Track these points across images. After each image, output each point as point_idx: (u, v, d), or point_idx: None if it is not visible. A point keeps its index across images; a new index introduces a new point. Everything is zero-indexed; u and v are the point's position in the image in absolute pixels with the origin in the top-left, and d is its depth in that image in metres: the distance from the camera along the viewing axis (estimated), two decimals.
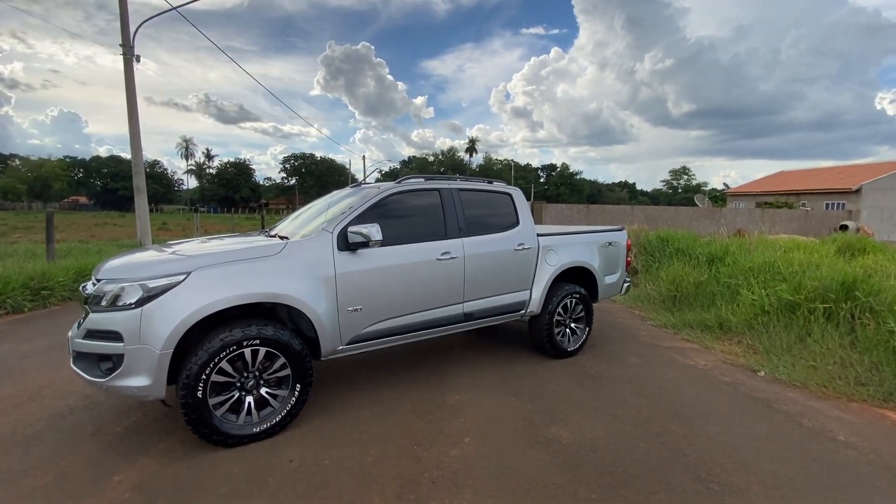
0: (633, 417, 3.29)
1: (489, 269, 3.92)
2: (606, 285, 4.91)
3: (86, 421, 3.12)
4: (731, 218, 21.92)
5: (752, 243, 7.83)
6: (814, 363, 4.26)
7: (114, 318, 2.52)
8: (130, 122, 10.50)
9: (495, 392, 3.70)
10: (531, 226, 4.28)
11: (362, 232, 3.08)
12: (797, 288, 5.15)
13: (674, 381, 4.03)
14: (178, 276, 2.61)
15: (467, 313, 3.81)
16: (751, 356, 4.68)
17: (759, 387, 3.95)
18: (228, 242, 3.34)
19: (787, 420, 3.31)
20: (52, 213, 9.52)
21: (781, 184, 35.71)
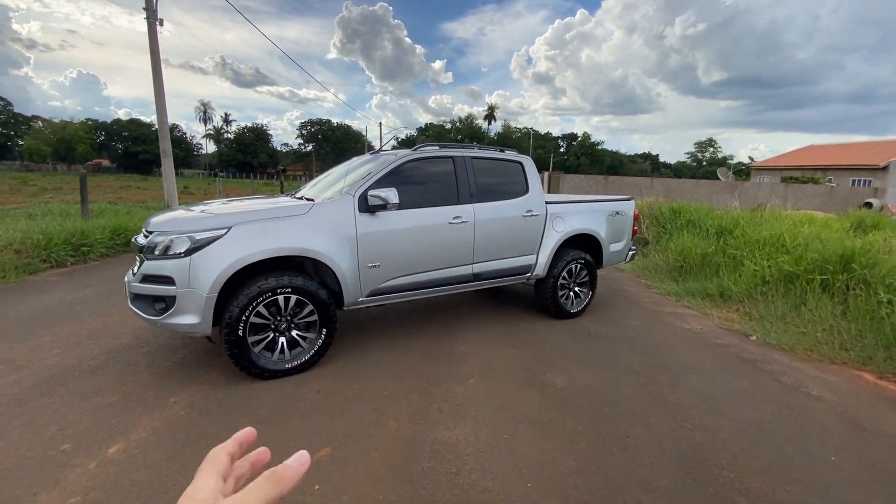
0: (624, 369, 3.62)
1: (498, 234, 4.20)
2: (611, 252, 5.15)
3: (139, 356, 3.58)
4: (752, 192, 21.55)
5: (762, 217, 7.90)
6: (804, 330, 4.50)
7: (166, 265, 2.90)
8: (156, 87, 10.80)
9: (499, 344, 4.05)
10: (540, 194, 4.51)
11: (381, 195, 3.38)
12: (798, 260, 5.33)
13: (668, 342, 4.33)
14: (221, 230, 2.97)
15: (476, 274, 4.12)
16: (746, 322, 4.93)
17: (748, 349, 4.22)
18: (258, 203, 3.68)
19: (767, 377, 3.60)
20: (86, 175, 10.05)
21: (809, 158, 34.58)
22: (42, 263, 6.98)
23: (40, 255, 7.03)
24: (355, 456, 2.38)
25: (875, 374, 3.74)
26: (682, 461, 2.45)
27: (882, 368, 3.78)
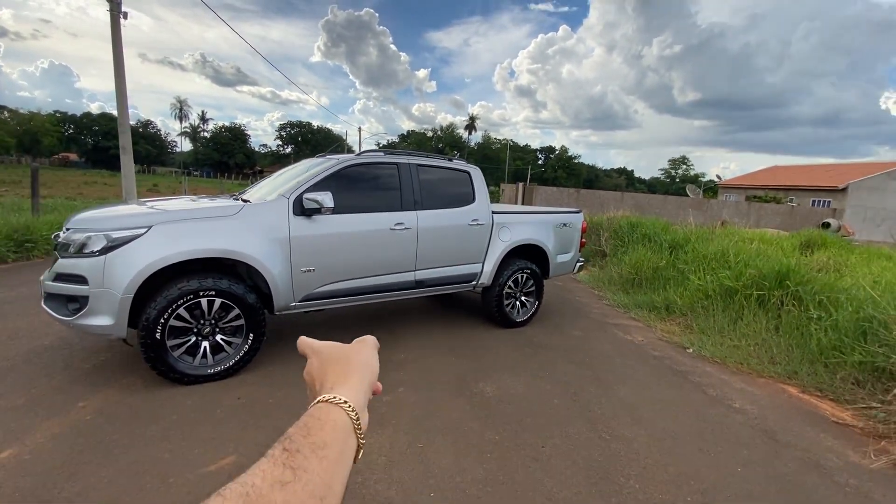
0: (556, 379, 3.66)
1: (442, 242, 4.21)
2: (558, 263, 5.23)
3: (58, 358, 3.43)
4: (717, 210, 22.27)
5: (714, 233, 8.17)
6: (738, 343, 4.64)
7: (80, 263, 2.80)
8: (117, 81, 10.50)
9: (440, 352, 4.04)
10: (486, 203, 4.55)
11: (316, 199, 3.35)
12: (738, 275, 5.51)
13: (606, 353, 4.40)
14: (140, 229, 2.88)
15: (419, 281, 4.11)
16: (686, 335, 5.06)
17: (682, 361, 4.33)
18: (195, 202, 3.59)
19: (694, 389, 3.69)
20: (37, 169, 9.63)
21: (773, 178, 36.04)
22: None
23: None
24: None
25: (798, 388, 3.87)
26: (591, 471, 2.48)
27: (805, 382, 3.92)
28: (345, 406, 0.45)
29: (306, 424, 0.42)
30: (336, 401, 0.45)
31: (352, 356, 0.54)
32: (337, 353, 0.55)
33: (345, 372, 0.51)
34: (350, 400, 0.46)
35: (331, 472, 0.39)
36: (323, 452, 0.39)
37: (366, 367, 0.54)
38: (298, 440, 0.40)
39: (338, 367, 0.52)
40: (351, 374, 0.51)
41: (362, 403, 0.49)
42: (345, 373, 0.51)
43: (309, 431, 0.41)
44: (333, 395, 0.46)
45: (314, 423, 0.42)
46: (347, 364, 0.53)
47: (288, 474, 0.36)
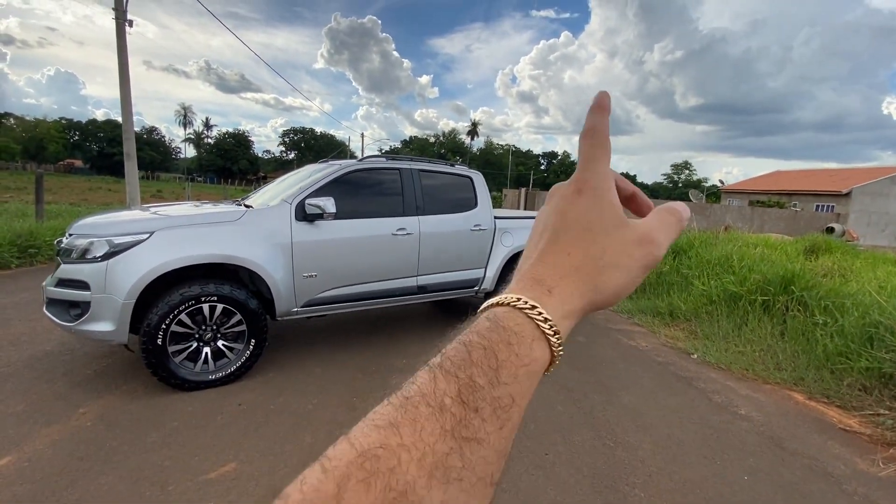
0: (560, 385, 3.62)
1: (444, 247, 4.20)
2: None
3: (59, 364, 3.42)
4: (720, 214, 22.24)
5: (717, 238, 8.14)
6: (742, 349, 4.60)
7: (82, 269, 2.80)
8: (122, 88, 10.58)
9: None
10: (489, 208, 4.55)
11: (318, 204, 3.35)
12: (742, 280, 5.48)
13: (610, 359, 4.36)
14: (142, 234, 2.88)
15: (421, 286, 4.10)
16: (690, 341, 5.02)
17: (687, 367, 4.29)
18: (198, 208, 3.60)
19: (699, 395, 3.65)
20: (42, 175, 9.70)
21: (776, 183, 35.97)
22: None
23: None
24: (260, 472, 2.30)
25: (804, 395, 3.83)
26: (596, 480, 2.44)
27: (812, 389, 3.87)
28: (551, 336, 0.30)
29: (495, 356, 0.28)
30: (538, 318, 0.30)
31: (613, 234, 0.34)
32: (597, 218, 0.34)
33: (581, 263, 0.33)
34: (556, 320, 0.31)
35: (509, 440, 0.27)
36: (508, 414, 0.27)
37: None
38: (483, 389, 0.27)
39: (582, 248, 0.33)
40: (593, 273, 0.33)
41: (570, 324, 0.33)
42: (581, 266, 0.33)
43: (498, 373, 0.27)
44: (535, 307, 0.30)
45: (507, 356, 0.28)
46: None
47: (457, 460, 0.24)
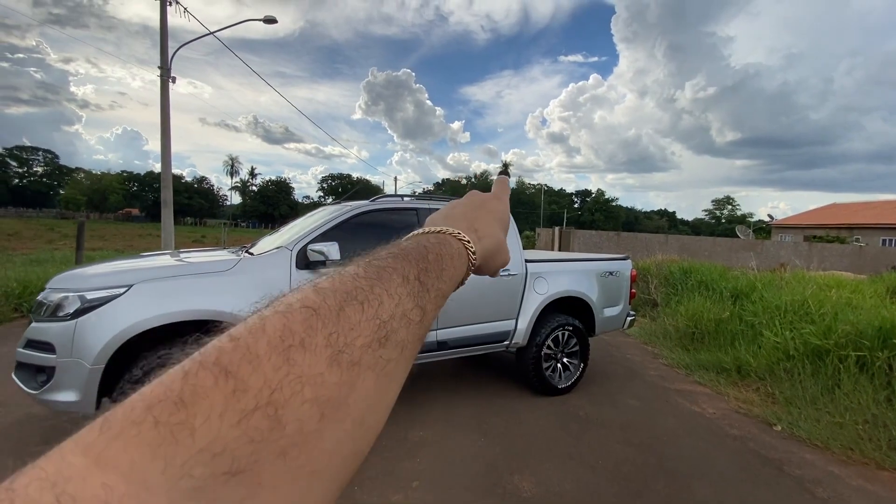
0: (613, 470, 2.92)
1: (468, 295, 3.68)
2: (605, 318, 4.53)
3: (44, 429, 3.05)
4: (773, 251, 20.62)
5: (783, 279, 7.19)
6: (840, 420, 3.71)
7: (49, 328, 2.45)
8: (162, 139, 11.01)
9: (465, 429, 3.40)
10: (519, 250, 4.02)
11: (321, 250, 2.94)
12: (826, 332, 4.60)
13: (672, 430, 3.60)
14: (119, 288, 2.53)
15: (441, 342, 3.56)
16: (768, 406, 4.16)
17: (771, 444, 3.46)
18: (195, 256, 3.27)
19: (797, 488, 2.84)
20: (83, 223, 9.98)
21: (833, 217, 33.59)
22: (13, 312, 6.72)
23: (13, 303, 6.79)
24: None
25: None
26: None
27: None
28: (472, 259, 0.42)
29: (443, 261, 0.37)
30: (470, 249, 0.42)
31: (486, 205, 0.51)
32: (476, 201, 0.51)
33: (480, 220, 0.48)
34: (477, 254, 0.43)
35: (435, 316, 0.35)
36: (441, 302, 0.36)
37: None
38: (433, 278, 0.35)
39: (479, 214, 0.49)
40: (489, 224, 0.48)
41: None
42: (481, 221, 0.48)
43: (442, 273, 0.36)
44: (470, 243, 0.42)
45: (449, 264, 0.38)
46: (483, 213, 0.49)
47: (416, 314, 0.31)
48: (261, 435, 0.20)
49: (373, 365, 0.27)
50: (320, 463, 0.23)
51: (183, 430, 0.19)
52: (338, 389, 0.24)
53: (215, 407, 0.20)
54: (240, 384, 0.21)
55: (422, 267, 0.34)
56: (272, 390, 0.21)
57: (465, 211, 0.48)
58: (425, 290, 0.33)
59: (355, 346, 0.26)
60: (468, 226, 0.45)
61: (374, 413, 0.27)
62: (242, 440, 0.20)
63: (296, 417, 0.22)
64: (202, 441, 0.19)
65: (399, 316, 0.29)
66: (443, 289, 0.36)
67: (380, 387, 0.27)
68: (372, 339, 0.27)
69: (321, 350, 0.24)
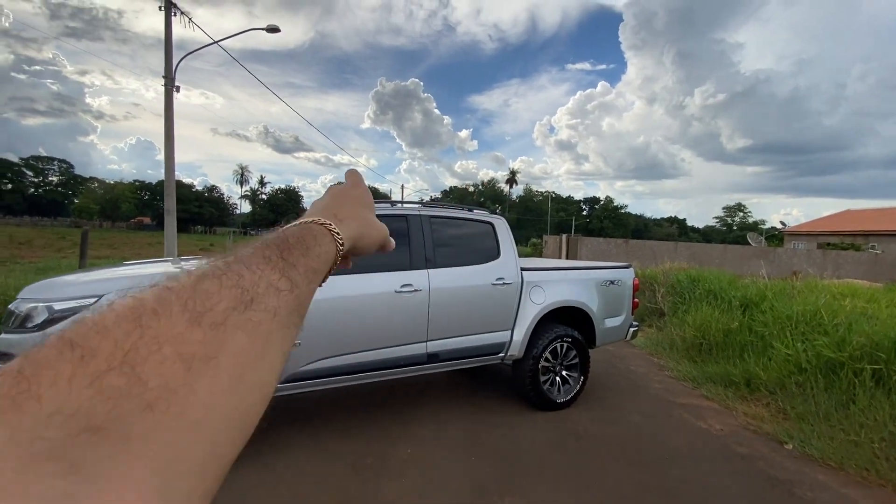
0: (611, 492, 2.74)
1: (460, 305, 3.54)
2: (606, 329, 4.36)
3: None
4: (787, 259, 20.21)
5: (794, 288, 6.94)
6: (855, 437, 3.50)
7: (11, 340, 2.36)
8: (166, 147, 11.08)
9: (456, 447, 3.24)
10: (514, 258, 3.87)
11: None
12: (840, 343, 4.38)
13: (677, 449, 3.41)
14: (88, 299, 2.43)
15: (431, 354, 3.42)
16: (779, 423, 3.94)
17: (782, 464, 3.26)
18: (178, 265, 3.18)
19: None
20: (87, 231, 10.05)
21: (847, 223, 32.93)
22: None
23: None
24: None
25: None
26: None
27: None
28: (338, 238, 0.44)
29: (306, 241, 0.39)
30: (333, 230, 0.44)
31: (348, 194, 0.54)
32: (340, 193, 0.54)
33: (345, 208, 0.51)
34: (343, 234, 0.45)
35: (310, 298, 0.37)
36: (313, 277, 0.38)
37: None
38: (297, 256, 0.37)
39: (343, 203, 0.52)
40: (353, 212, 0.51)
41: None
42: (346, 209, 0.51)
43: (307, 251, 0.38)
44: (331, 224, 0.45)
45: (313, 243, 0.40)
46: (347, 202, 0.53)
47: (285, 283, 0.33)
48: (118, 392, 0.21)
49: (241, 325, 0.27)
50: (197, 413, 0.23)
51: (27, 399, 0.19)
52: (202, 347, 0.25)
53: (62, 373, 0.20)
54: (87, 350, 0.21)
55: (283, 247, 0.36)
56: (125, 351, 0.22)
57: (324, 203, 0.51)
58: (290, 265, 0.34)
59: (217, 310, 0.26)
60: (327, 213, 0.47)
61: (255, 371, 0.28)
62: (98, 399, 0.20)
63: (158, 373, 0.22)
64: (51, 405, 0.19)
65: (264, 285, 0.31)
66: (312, 265, 0.37)
67: (254, 346, 0.28)
68: (236, 303, 0.28)
69: (177, 314, 0.25)
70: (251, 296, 0.29)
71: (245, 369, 0.27)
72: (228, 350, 0.26)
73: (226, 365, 0.25)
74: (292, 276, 0.34)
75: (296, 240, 0.38)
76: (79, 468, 0.19)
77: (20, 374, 0.20)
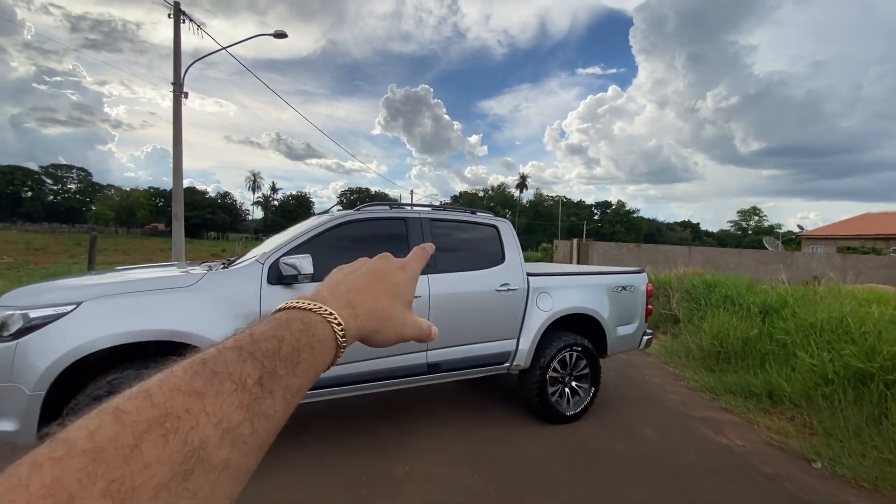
0: None
1: (462, 313, 3.36)
2: (618, 338, 4.14)
3: None
4: (805, 263, 19.64)
5: (817, 293, 6.62)
6: (890, 456, 3.23)
7: None
8: (175, 153, 11.11)
9: (458, 463, 3.05)
10: (519, 263, 3.69)
11: (294, 264, 2.67)
12: (870, 353, 4.10)
13: (695, 467, 3.17)
14: (65, 306, 2.31)
15: (432, 364, 3.24)
16: (806, 439, 3.68)
17: (811, 485, 3.01)
18: (164, 271, 3.06)
19: None
20: (96, 237, 10.09)
21: (867, 227, 32.03)
22: None
23: None
24: None
25: None
26: None
27: None
28: (340, 342, 0.40)
29: (299, 354, 0.36)
30: (339, 330, 0.40)
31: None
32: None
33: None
34: (350, 331, 0.42)
35: (284, 419, 0.35)
36: (293, 400, 0.35)
37: None
38: (281, 376, 0.34)
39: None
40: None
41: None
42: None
43: (296, 367, 0.35)
44: (340, 323, 0.40)
45: (307, 356, 0.36)
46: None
47: (247, 428, 0.30)
48: None
49: (173, 502, 0.25)
50: None
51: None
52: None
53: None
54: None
55: (267, 368, 0.33)
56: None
57: (355, 281, 0.47)
58: (267, 392, 0.32)
59: (147, 488, 0.24)
60: (347, 301, 0.43)
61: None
62: None
63: None
64: None
65: (219, 435, 0.28)
66: (294, 385, 0.35)
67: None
68: (172, 475, 0.25)
69: (98, 499, 0.22)
70: (196, 459, 0.26)
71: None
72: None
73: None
74: (263, 408, 0.31)
75: (289, 351, 0.35)
76: None
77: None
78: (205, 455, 0.27)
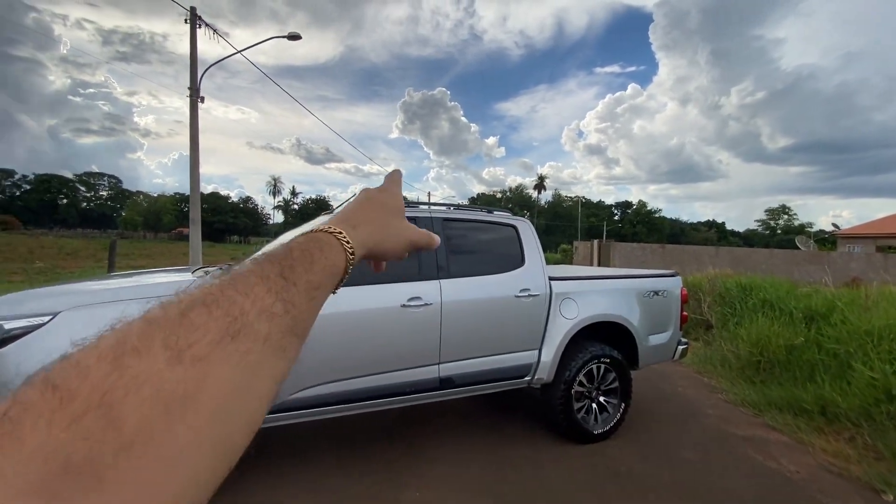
0: None
1: (478, 321, 3.06)
2: (651, 347, 3.76)
3: None
4: (843, 263, 18.58)
5: (869, 297, 6.07)
6: None
7: None
8: (191, 157, 11.14)
9: (473, 490, 2.74)
10: (541, 267, 3.36)
11: None
12: None
13: (743, 497, 2.79)
14: (42, 317, 2.10)
15: (445, 378, 2.94)
16: (870, 464, 3.24)
17: None
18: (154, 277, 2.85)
19: None
20: (115, 241, 10.19)
21: None
22: None
23: None
24: None
25: None
26: None
27: None
28: (347, 248, 0.42)
29: (311, 254, 0.38)
30: (343, 238, 0.43)
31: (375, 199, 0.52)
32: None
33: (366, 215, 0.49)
34: (355, 241, 0.44)
35: (314, 314, 0.37)
36: (315, 293, 0.37)
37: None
38: (299, 272, 0.36)
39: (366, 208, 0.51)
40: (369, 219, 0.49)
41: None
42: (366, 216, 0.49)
43: (311, 265, 0.37)
44: (341, 231, 0.43)
45: (319, 255, 0.39)
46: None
47: (279, 307, 0.32)
48: (94, 434, 0.21)
49: (227, 358, 0.27)
50: (174, 452, 0.23)
51: (10, 440, 0.20)
52: (182, 385, 0.25)
53: (43, 415, 0.21)
54: (66, 393, 0.22)
55: (285, 264, 0.35)
56: (103, 393, 0.22)
57: (345, 209, 0.49)
58: (290, 283, 0.34)
59: (201, 344, 0.26)
60: (341, 220, 0.46)
61: (240, 403, 0.27)
62: (75, 441, 0.21)
63: (135, 414, 0.22)
64: (31, 447, 0.20)
65: (256, 311, 0.30)
66: (314, 280, 0.36)
67: (241, 378, 0.28)
68: (222, 335, 0.27)
69: (158, 352, 0.25)
70: (240, 325, 0.28)
71: (229, 402, 0.27)
72: (210, 386, 0.26)
73: (207, 401, 0.25)
74: (290, 296, 0.33)
75: (300, 253, 0.37)
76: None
77: (5, 416, 0.21)
78: (247, 322, 0.29)
